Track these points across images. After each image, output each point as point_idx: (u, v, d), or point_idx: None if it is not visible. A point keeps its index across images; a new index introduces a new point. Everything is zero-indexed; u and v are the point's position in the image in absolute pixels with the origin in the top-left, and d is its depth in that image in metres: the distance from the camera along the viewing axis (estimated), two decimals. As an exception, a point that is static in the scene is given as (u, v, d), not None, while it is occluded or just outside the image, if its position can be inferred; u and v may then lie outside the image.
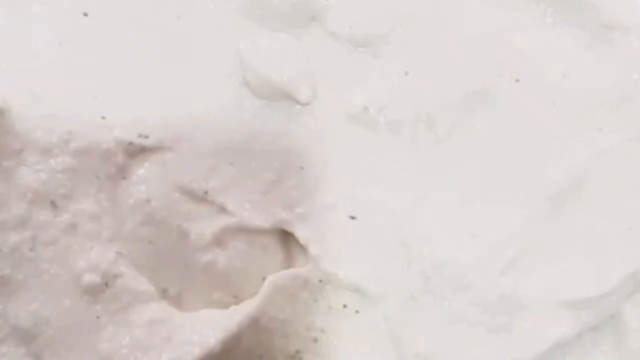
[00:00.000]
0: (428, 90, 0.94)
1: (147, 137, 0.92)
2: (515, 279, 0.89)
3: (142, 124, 0.92)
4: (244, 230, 0.91)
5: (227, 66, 0.95)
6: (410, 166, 0.93)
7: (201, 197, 0.91)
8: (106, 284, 0.87)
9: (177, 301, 0.90)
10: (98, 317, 0.87)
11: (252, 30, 0.96)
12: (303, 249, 0.91)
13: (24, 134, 0.89)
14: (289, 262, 0.93)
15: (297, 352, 0.89)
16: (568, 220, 0.91)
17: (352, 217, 0.92)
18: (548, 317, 0.88)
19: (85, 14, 0.95)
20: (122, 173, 0.91)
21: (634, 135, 0.95)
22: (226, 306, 0.90)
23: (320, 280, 0.90)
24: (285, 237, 0.93)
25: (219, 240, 0.91)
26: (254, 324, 0.88)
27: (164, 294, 0.90)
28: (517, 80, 0.95)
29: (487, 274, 0.88)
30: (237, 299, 0.90)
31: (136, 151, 0.92)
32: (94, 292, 0.87)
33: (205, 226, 0.91)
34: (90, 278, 0.87)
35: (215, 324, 0.88)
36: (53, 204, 0.88)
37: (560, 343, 0.88)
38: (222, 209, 0.91)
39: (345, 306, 0.90)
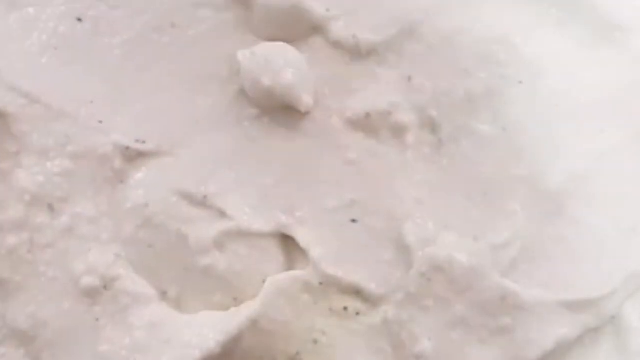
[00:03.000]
0: (432, 94, 0.93)
1: (144, 142, 0.91)
2: (516, 280, 0.89)
3: (139, 129, 0.92)
4: (243, 234, 0.90)
5: (224, 74, 0.94)
6: (412, 169, 0.93)
7: (200, 202, 0.91)
8: (105, 287, 0.87)
9: (176, 303, 0.90)
10: (97, 320, 0.87)
11: (250, 41, 0.94)
12: (303, 251, 0.90)
13: (20, 137, 0.88)
14: (289, 264, 0.92)
15: (297, 353, 0.89)
16: (569, 221, 0.91)
17: (354, 221, 0.91)
18: (549, 318, 0.88)
19: (79, 19, 0.94)
20: (119, 177, 0.91)
21: (636, 135, 0.94)
22: (226, 308, 0.89)
23: (321, 283, 0.89)
24: (286, 239, 0.92)
25: (218, 244, 0.90)
26: (254, 326, 0.87)
27: (163, 296, 0.89)
28: (521, 82, 0.94)
29: (488, 276, 0.88)
30: (237, 302, 0.90)
31: (134, 156, 0.91)
32: (93, 294, 0.86)
33: (205, 230, 0.90)
34: (88, 280, 0.86)
35: (215, 326, 0.87)
36: (50, 207, 0.87)
37: (561, 344, 0.88)
38: (222, 213, 0.91)
39: (345, 308, 0.90)
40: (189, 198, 0.91)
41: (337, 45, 0.94)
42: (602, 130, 0.94)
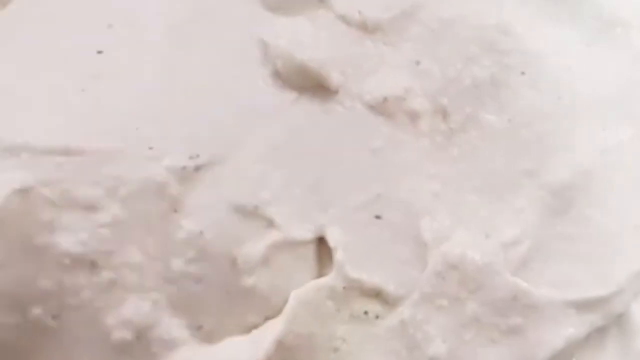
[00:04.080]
0: (440, 81, 0.91)
1: (198, 156, 0.84)
2: (526, 278, 0.88)
3: (191, 144, 0.85)
4: (289, 244, 0.86)
5: (256, 57, 0.89)
6: (428, 159, 0.90)
7: (251, 212, 0.85)
8: (137, 338, 0.79)
9: (209, 334, 0.84)
10: None
11: (267, 17, 0.90)
12: (330, 253, 0.87)
13: (60, 198, 0.75)
14: (320, 270, 0.89)
15: (318, 363, 0.87)
16: (576, 219, 0.91)
17: (378, 217, 0.88)
18: (559, 318, 0.88)
19: (100, 52, 0.85)
20: (174, 205, 0.83)
21: (638, 132, 0.94)
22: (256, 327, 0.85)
23: (344, 287, 0.86)
24: (319, 241, 0.88)
25: (265, 259, 0.85)
26: (280, 346, 0.83)
27: (197, 331, 0.83)
28: (523, 73, 0.93)
29: (499, 274, 0.87)
30: (268, 319, 0.86)
31: (189, 174, 0.84)
32: (123, 347, 0.79)
33: (253, 246, 0.84)
34: (120, 334, 0.78)
35: (241, 354, 0.82)
36: (93, 264, 0.77)
37: (569, 344, 0.88)
38: (270, 224, 0.85)
39: (366, 312, 0.88)
40: (241, 211, 0.85)
41: (344, 19, 0.91)
42: (605, 127, 0.94)
